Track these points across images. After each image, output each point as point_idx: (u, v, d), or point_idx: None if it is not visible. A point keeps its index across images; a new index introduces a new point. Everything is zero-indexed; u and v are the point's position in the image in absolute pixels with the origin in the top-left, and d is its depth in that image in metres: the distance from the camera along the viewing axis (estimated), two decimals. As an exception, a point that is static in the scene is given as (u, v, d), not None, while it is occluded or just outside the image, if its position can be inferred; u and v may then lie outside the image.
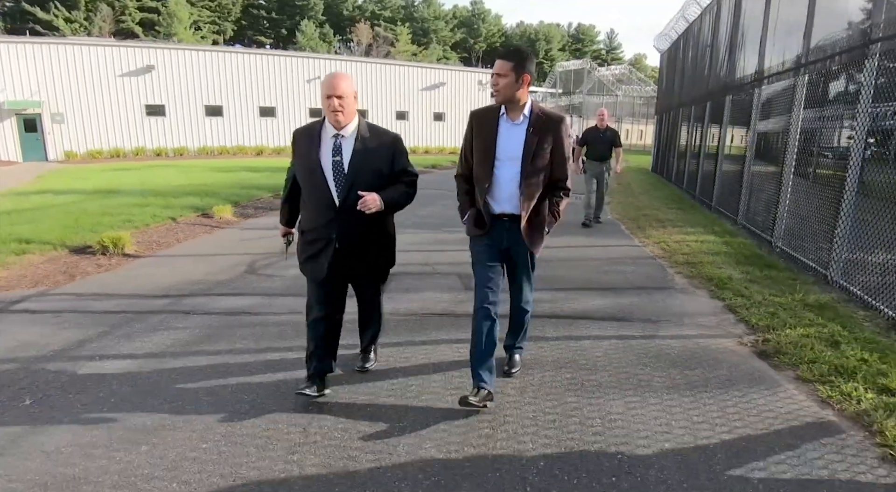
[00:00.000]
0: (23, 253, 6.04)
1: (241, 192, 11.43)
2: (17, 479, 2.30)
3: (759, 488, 2.30)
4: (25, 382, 3.21)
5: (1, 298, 4.80)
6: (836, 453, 2.57)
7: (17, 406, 2.93)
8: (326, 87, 2.70)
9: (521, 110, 2.81)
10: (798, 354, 3.62)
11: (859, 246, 5.32)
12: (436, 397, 3.05)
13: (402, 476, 2.34)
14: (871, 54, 5.29)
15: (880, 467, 2.48)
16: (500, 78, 2.72)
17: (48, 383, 3.19)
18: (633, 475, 2.37)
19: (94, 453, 2.49)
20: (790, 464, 2.47)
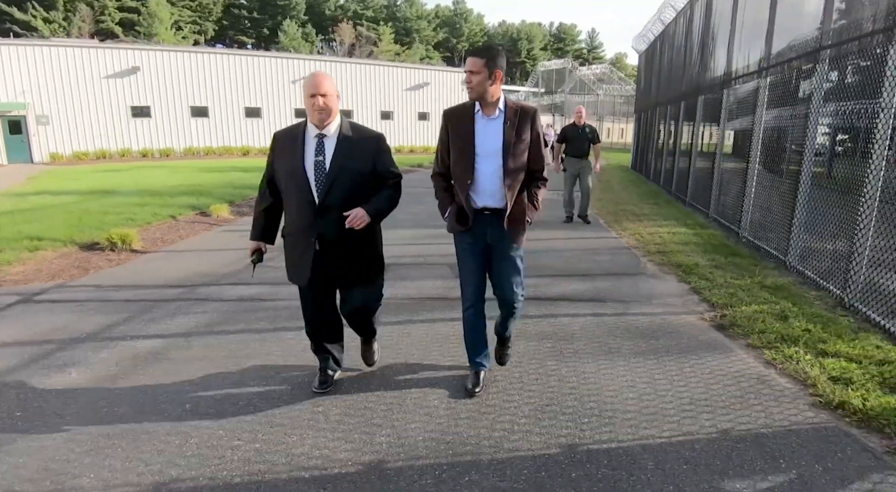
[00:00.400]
0: (35, 250, 6.38)
1: (234, 191, 11.77)
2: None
3: (707, 427, 2.79)
4: (65, 357, 3.60)
5: (23, 291, 5.15)
6: (774, 401, 3.08)
7: (68, 375, 3.33)
8: (309, 86, 2.72)
9: (496, 105, 2.86)
10: (750, 326, 4.14)
11: (814, 234, 5.87)
12: (436, 362, 3.52)
13: (410, 420, 2.81)
14: (821, 60, 5.85)
15: (809, 410, 2.98)
16: (473, 75, 2.78)
17: (88, 358, 3.58)
18: (603, 418, 2.85)
19: (145, 410, 2.90)
20: (734, 409, 2.97)
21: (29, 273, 5.69)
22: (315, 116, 2.74)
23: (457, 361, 3.45)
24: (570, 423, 2.80)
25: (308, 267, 2.80)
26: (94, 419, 2.82)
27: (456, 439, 2.65)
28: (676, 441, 2.66)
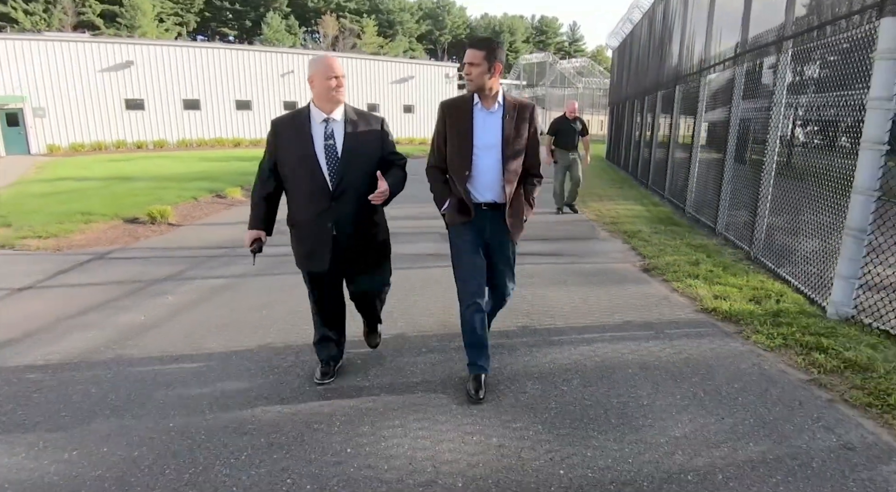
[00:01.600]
0: (89, 222, 7.55)
1: (238, 177, 12.93)
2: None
3: (616, 319, 4.15)
4: (157, 290, 4.85)
5: (92, 252, 6.34)
6: (668, 308, 4.44)
7: (165, 299, 4.59)
8: (326, 68, 2.67)
9: (495, 99, 2.84)
10: (667, 269, 5.52)
11: (735, 207, 7.27)
12: (430, 303, 4.82)
13: (413, 346, 4.12)
14: (740, 62, 7.21)
15: (692, 313, 4.35)
16: (473, 67, 2.75)
17: (175, 290, 4.83)
18: (548, 314, 4.19)
19: (234, 316, 4.16)
20: (639, 312, 4.33)
21: (91, 240, 6.88)
22: (332, 98, 2.70)
23: (448, 301, 4.75)
24: (524, 317, 4.15)
25: (328, 252, 2.78)
26: (199, 320, 4.09)
27: (451, 320, 3.97)
28: (593, 326, 4.03)
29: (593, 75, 52.91)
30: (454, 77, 37.53)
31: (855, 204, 4.14)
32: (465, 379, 3.10)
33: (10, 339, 3.77)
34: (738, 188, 7.22)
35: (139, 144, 26.39)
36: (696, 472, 2.35)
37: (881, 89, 3.95)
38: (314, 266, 2.87)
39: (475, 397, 2.89)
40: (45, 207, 8.51)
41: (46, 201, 9.12)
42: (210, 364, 3.37)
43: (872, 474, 2.36)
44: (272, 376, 3.22)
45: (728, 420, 2.77)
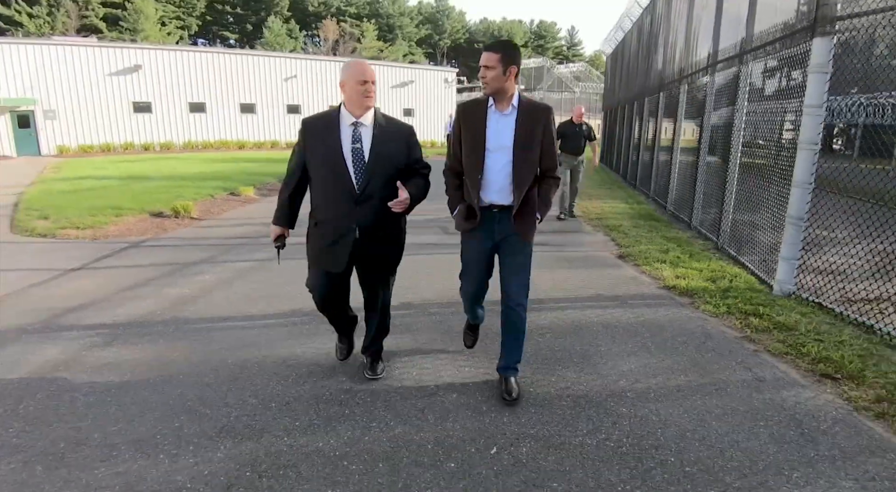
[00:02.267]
0: (119, 215, 8.27)
1: (249, 177, 13.66)
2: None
3: (590, 292, 4.88)
4: (194, 270, 5.57)
5: (126, 241, 7.05)
6: (635, 285, 5.18)
7: (204, 277, 5.31)
8: (359, 73, 2.72)
9: (510, 101, 2.84)
10: (640, 256, 6.26)
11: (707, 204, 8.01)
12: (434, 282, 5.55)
13: (419, 310, 4.85)
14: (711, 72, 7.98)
15: (655, 289, 5.09)
16: (488, 70, 2.77)
17: (210, 270, 5.55)
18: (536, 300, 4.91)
19: (271, 288, 4.89)
20: (611, 290, 5.07)
21: (123, 231, 7.60)
22: (363, 103, 2.76)
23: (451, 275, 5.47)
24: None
25: (347, 253, 2.82)
26: (237, 293, 4.82)
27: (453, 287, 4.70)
28: (568, 298, 4.78)
29: (590, 80, 53.78)
30: (453, 82, 38.34)
31: (794, 196, 4.88)
32: (460, 332, 3.80)
33: (80, 305, 4.50)
34: (710, 187, 7.97)
35: (146, 146, 27.12)
36: (633, 392, 3.09)
37: (813, 98, 4.70)
38: (330, 266, 2.89)
39: (469, 344, 3.48)
40: (76, 203, 9.23)
41: (74, 198, 9.85)
42: (253, 323, 4.11)
43: (774, 396, 3.09)
44: (306, 327, 3.98)
45: (667, 361, 3.51)
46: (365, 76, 2.71)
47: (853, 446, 2.57)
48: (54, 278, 5.34)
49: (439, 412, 2.87)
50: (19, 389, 3.07)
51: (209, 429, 2.67)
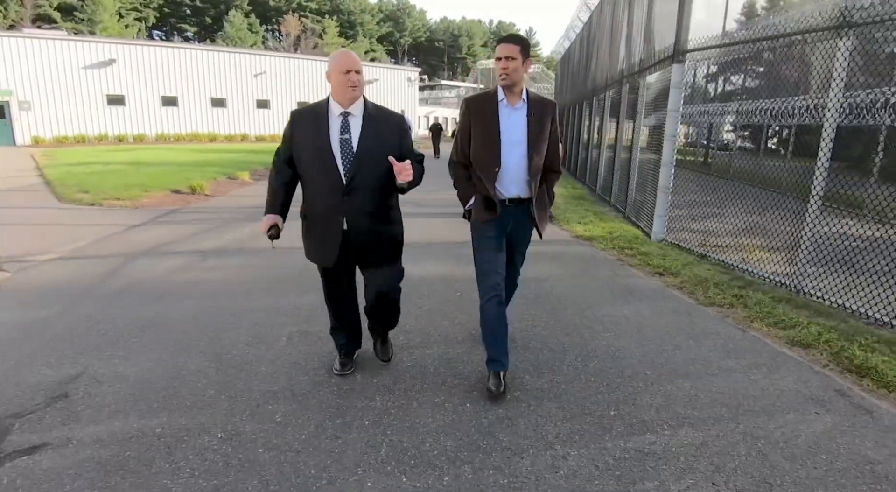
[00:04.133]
0: (147, 191, 9.98)
1: (238, 164, 15.35)
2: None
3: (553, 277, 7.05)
4: (229, 228, 7.43)
5: (162, 210, 8.80)
6: (555, 237, 7.36)
7: (240, 232, 7.20)
8: (343, 63, 2.65)
9: (520, 95, 2.85)
10: (564, 220, 8.45)
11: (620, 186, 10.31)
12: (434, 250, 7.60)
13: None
14: (625, 83, 10.27)
15: (567, 238, 7.27)
16: (511, 61, 2.75)
17: (240, 229, 7.42)
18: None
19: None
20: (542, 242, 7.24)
21: (155, 202, 9.34)
22: (348, 93, 2.69)
23: (450, 247, 7.49)
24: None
25: (336, 247, 2.78)
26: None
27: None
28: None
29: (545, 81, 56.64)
30: (416, 80, 40.31)
31: (662, 173, 7.15)
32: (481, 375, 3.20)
33: (166, 242, 6.37)
34: (622, 174, 10.29)
35: (120, 138, 28.08)
36: (547, 280, 5.22)
37: (673, 105, 6.97)
38: (322, 260, 2.88)
39: (495, 392, 2.85)
40: (103, 182, 10.84)
41: (98, 178, 11.44)
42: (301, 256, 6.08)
43: (624, 281, 5.27)
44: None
45: (567, 269, 5.69)
46: (349, 66, 2.66)
47: (658, 297, 4.79)
48: (128, 230, 7.14)
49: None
50: (160, 282, 4.98)
51: (282, 310, 4.67)
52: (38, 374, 3.03)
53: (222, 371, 3.16)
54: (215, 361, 3.30)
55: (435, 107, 52.78)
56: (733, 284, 5.05)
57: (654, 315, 4.29)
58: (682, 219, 7.65)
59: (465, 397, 2.93)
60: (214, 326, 3.84)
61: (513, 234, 3.03)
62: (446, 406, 2.83)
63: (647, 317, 4.23)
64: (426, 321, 4.10)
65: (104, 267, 5.33)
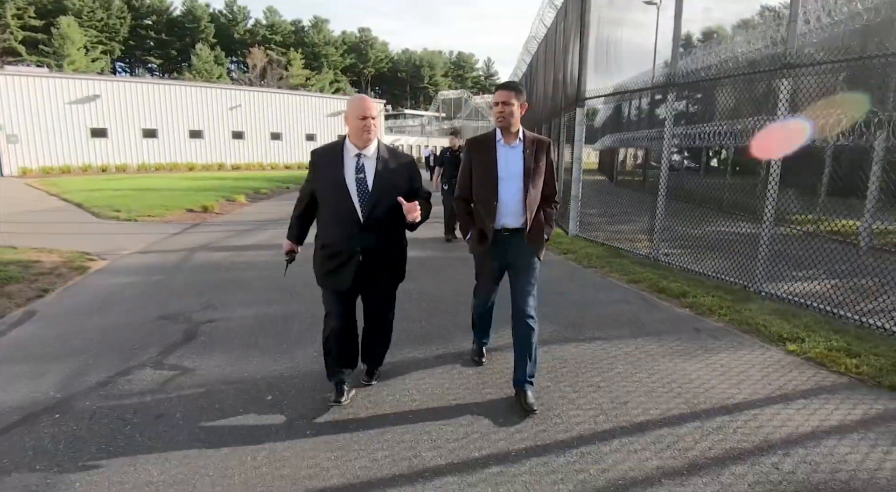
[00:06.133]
0: (167, 210, 12.09)
1: (232, 189, 17.42)
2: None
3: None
4: (247, 235, 9.67)
5: (186, 224, 10.93)
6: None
7: (257, 237, 9.46)
8: (360, 109, 2.90)
9: (516, 135, 3.16)
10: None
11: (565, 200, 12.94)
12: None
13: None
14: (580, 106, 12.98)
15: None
16: (507, 106, 3.08)
17: (257, 235, 9.66)
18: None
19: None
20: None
21: (178, 218, 11.47)
22: (363, 136, 2.93)
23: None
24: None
25: (351, 275, 3.00)
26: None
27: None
28: (464, 238, 9.41)
29: (503, 109, 60.14)
30: (381, 112, 42.99)
31: (573, 186, 9.76)
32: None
33: (214, 240, 8.57)
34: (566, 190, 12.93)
35: (103, 168, 29.66)
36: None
37: (578, 136, 9.62)
38: (337, 284, 3.05)
39: (478, 361, 3.80)
40: (127, 203, 12.88)
41: (121, 200, 13.44)
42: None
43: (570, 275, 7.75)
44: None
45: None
46: (365, 112, 2.88)
47: (560, 264, 7.28)
48: (171, 237, 9.31)
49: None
50: (223, 261, 7.21)
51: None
52: (178, 312, 5.29)
53: (302, 311, 5.46)
54: (291, 302, 5.58)
55: (399, 135, 55.56)
56: (609, 257, 7.61)
57: (554, 272, 6.76)
58: (596, 221, 10.25)
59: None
60: (276, 280, 6.09)
61: (513, 261, 3.23)
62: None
63: (552, 274, 6.69)
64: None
65: (175, 257, 7.53)
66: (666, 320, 4.90)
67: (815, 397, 3.37)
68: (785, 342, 4.29)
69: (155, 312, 4.99)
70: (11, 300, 5.23)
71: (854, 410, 3.19)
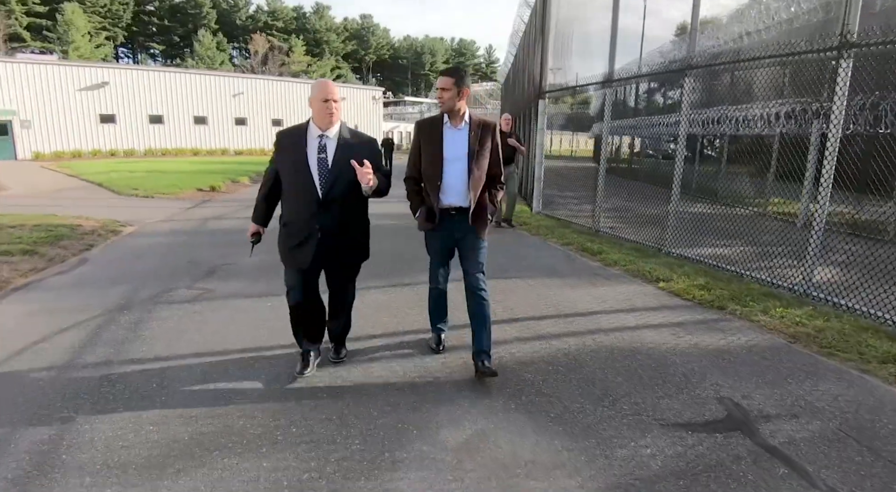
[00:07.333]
0: (180, 189, 13.52)
1: (235, 172, 18.81)
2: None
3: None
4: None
5: (197, 201, 12.35)
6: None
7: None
8: (323, 92, 3.02)
9: (462, 118, 3.29)
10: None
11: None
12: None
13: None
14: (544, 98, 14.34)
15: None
16: (445, 92, 3.22)
17: (264, 208, 11.09)
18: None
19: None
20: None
21: (189, 196, 12.89)
22: (326, 119, 3.05)
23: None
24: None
25: (311, 253, 3.11)
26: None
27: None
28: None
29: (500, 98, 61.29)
30: (380, 99, 44.24)
31: (536, 169, 11.17)
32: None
33: (219, 215, 9.99)
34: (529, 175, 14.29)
35: (112, 152, 31.06)
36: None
37: (539, 125, 11.00)
38: (299, 262, 3.18)
39: (435, 349, 3.73)
40: (142, 183, 14.30)
41: (136, 180, 14.87)
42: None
43: (508, 234, 9.18)
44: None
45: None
46: (327, 96, 3.02)
47: (510, 233, 8.70)
48: (187, 210, 10.74)
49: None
50: (238, 226, 8.64)
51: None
52: (201, 259, 6.74)
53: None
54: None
55: (399, 122, 56.72)
56: (557, 228, 9.04)
57: (504, 238, 8.19)
58: (564, 201, 11.65)
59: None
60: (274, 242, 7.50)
61: (461, 238, 3.39)
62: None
63: (501, 239, 8.12)
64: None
65: (192, 225, 8.98)
66: (576, 269, 6.35)
67: (654, 310, 4.82)
68: (658, 282, 5.72)
69: (183, 259, 6.47)
70: (67, 251, 6.68)
71: (675, 318, 4.63)
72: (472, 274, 3.39)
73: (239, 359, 3.60)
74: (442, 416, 2.89)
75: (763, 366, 3.63)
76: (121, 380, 3.26)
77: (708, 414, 2.96)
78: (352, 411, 2.93)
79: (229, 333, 4.04)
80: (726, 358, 3.76)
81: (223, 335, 4.00)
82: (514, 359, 3.68)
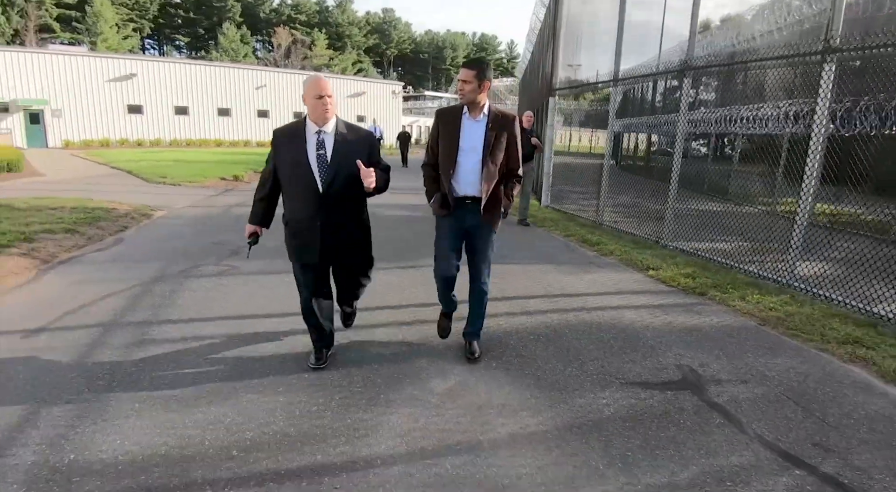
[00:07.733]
0: (205, 177, 14.14)
1: (256, 164, 19.45)
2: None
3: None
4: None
5: (222, 189, 12.95)
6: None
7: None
8: (317, 89, 3.02)
9: (481, 110, 3.31)
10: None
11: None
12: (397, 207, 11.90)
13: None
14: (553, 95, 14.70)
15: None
16: (466, 84, 3.24)
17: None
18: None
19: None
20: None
21: (213, 185, 13.49)
22: (321, 115, 3.06)
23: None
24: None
25: (317, 248, 3.17)
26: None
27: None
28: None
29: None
30: (399, 93, 44.71)
31: (545, 164, 11.56)
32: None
33: (242, 202, 10.54)
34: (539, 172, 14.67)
35: (139, 142, 32.04)
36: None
37: (551, 122, 11.39)
38: (305, 259, 3.24)
39: (446, 328, 3.77)
40: (170, 171, 14.96)
41: (164, 169, 15.55)
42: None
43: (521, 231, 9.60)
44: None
45: (476, 213, 10.02)
46: (321, 92, 3.02)
47: (528, 229, 9.12)
48: (211, 197, 11.33)
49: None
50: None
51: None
52: (225, 241, 7.27)
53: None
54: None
55: (419, 116, 57.15)
56: (562, 221, 9.44)
57: (511, 229, 8.62)
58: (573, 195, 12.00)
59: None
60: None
61: (472, 228, 3.41)
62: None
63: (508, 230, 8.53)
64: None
65: (217, 210, 9.55)
66: (574, 258, 6.77)
67: (638, 294, 5.23)
68: (648, 270, 6.11)
69: (210, 240, 7.02)
70: (104, 231, 7.28)
71: (656, 301, 5.03)
72: (478, 267, 3.50)
73: (260, 322, 4.12)
74: (432, 369, 3.37)
75: (727, 342, 4.03)
76: (160, 335, 3.79)
77: (664, 376, 3.39)
78: (355, 363, 3.43)
79: (252, 302, 4.55)
80: (695, 334, 4.17)
81: (247, 304, 4.52)
82: (500, 329, 4.14)
